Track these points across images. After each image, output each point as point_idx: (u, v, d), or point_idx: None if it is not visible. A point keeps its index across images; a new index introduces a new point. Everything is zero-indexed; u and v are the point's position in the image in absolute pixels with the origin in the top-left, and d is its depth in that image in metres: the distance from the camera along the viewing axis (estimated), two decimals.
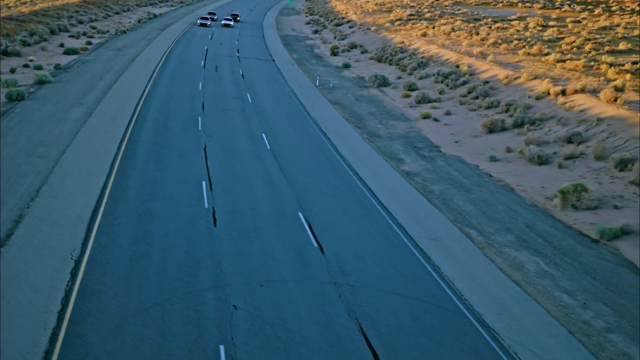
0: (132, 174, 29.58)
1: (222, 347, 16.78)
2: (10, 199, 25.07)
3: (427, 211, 29.59)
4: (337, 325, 18.56)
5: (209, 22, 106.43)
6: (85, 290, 18.69)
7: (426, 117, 48.39)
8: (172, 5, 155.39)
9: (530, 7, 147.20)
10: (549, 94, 46.66)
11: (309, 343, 17.41)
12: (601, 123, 39.95)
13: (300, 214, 27.24)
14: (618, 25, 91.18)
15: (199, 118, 42.39)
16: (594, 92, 44.97)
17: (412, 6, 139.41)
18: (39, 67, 56.15)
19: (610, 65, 54.79)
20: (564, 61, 58.30)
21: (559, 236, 27.62)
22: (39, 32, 76.18)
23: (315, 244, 24.23)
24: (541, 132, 41.93)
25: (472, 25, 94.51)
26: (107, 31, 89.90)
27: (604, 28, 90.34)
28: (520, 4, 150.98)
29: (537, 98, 47.23)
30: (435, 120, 47.73)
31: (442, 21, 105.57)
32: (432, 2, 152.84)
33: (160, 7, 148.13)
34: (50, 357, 15.54)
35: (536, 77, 51.57)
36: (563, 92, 45.75)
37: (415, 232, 26.70)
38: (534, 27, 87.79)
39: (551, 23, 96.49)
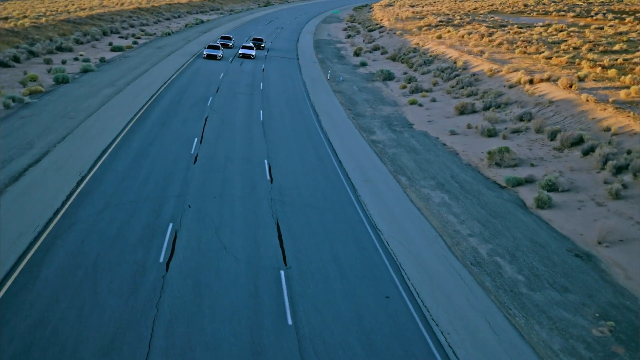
0: (139, 132, 37.64)
1: (170, 224, 24.35)
2: (41, 142, 33.39)
3: (374, 165, 36.64)
4: (260, 220, 25.92)
5: (220, 54, 72.76)
6: (84, 192, 26.62)
7: (413, 103, 55.20)
8: (221, 13, 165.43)
9: (564, 15, 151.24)
10: (520, 83, 52.89)
11: (234, 227, 24.81)
12: (551, 105, 46.15)
13: (265, 160, 34.72)
14: (635, 31, 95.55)
15: (210, 98, 50.35)
16: (557, 81, 50.96)
17: (447, 14, 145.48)
18: (86, 60, 65.17)
19: (593, 61, 60.40)
20: (551, 58, 64.18)
21: (473, 183, 34.32)
22: (91, 32, 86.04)
23: (268, 178, 31.65)
24: (502, 113, 48.32)
25: (491, 30, 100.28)
26: (154, 34, 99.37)
27: (619, 33, 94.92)
28: (554, 13, 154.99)
29: (510, 87, 53.55)
30: (420, 105, 54.51)
31: (468, 27, 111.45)
32: (468, 11, 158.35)
33: (210, 14, 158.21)
34: (52, 220, 23.41)
35: (516, 70, 57.77)
36: (531, 81, 51.92)
37: (355, 176, 33.82)
38: (549, 33, 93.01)
39: (573, 29, 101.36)
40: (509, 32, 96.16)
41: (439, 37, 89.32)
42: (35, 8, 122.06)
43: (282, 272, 21.27)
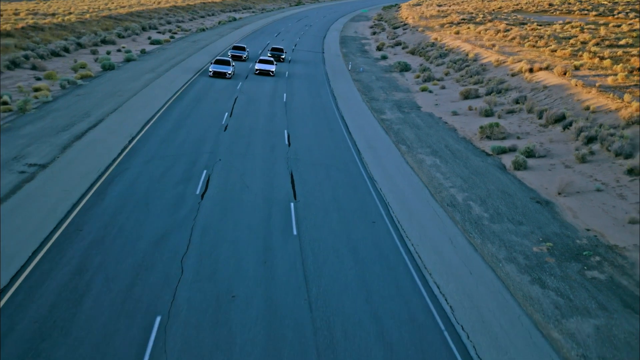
0: (177, 107, 43.89)
1: (204, 171, 30.42)
2: (96, 112, 39.76)
3: (379, 137, 42.38)
4: (277, 171, 31.78)
5: (230, 70, 58.30)
6: (134, 148, 32.78)
7: (424, 90, 60.75)
8: (253, 12, 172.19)
9: (586, 14, 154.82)
10: (521, 72, 58.16)
11: (255, 174, 30.67)
12: (545, 89, 51.37)
13: (285, 130, 40.69)
14: None
15: (240, 83, 56.51)
16: (553, 69, 56.06)
17: (470, 13, 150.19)
18: (128, 51, 71.84)
19: (593, 53, 65.30)
20: (555, 51, 69.18)
21: (463, 151, 39.87)
22: (132, 28, 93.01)
23: (286, 143, 37.62)
24: (502, 97, 53.64)
25: (508, 26, 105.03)
26: (189, 30, 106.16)
27: (633, 30, 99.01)
28: (577, 12, 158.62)
29: (513, 75, 58.82)
30: (430, 92, 60.03)
31: (489, 24, 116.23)
32: (492, 10, 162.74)
33: (242, 12, 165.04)
34: (111, 166, 29.65)
35: (520, 61, 62.96)
36: (531, 70, 57.15)
37: (361, 144, 39.59)
38: (565, 30, 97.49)
39: (590, 27, 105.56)
40: (526, 28, 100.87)
41: (457, 32, 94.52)
42: (79, 6, 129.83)
43: (291, 204, 27.16)
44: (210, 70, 58.04)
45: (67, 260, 19.53)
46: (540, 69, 56.26)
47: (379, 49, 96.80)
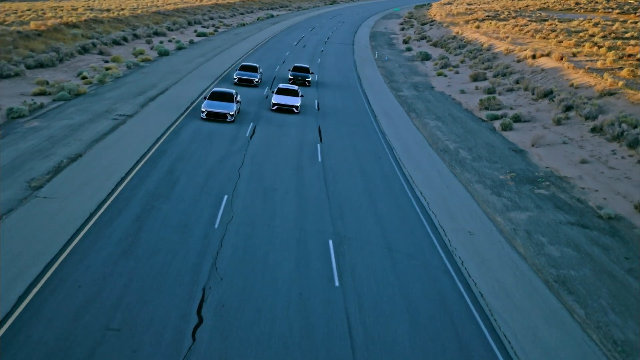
0: (227, 80, 53.02)
1: (251, 123, 39.37)
2: (160, 84, 49.05)
3: (394, 107, 50.89)
4: (308, 124, 40.50)
5: (233, 110, 39.56)
6: (195, 108, 41.94)
7: (439, 74, 69.03)
8: (289, 10, 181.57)
9: (609, 12, 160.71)
10: (526, 58, 66.14)
11: (291, 126, 39.30)
12: (543, 72, 59.37)
13: (315, 100, 49.52)
14: None
15: (277, 67, 65.52)
16: (550, 55, 63.90)
17: (497, 10, 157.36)
18: (178, 42, 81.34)
19: (594, 43, 72.87)
20: (562, 41, 76.84)
21: (463, 118, 48.21)
22: (179, 22, 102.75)
23: (316, 107, 46.45)
24: (505, 79, 61.73)
25: (528, 22, 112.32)
26: (231, 25, 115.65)
27: None
28: (602, 10, 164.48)
29: (518, 61, 66.80)
30: (445, 76, 68.28)
31: (512, 21, 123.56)
32: (519, 8, 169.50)
33: (279, 10, 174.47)
34: (180, 117, 38.77)
35: (526, 50, 70.87)
36: (533, 57, 65.10)
37: (378, 112, 48.09)
38: (582, 25, 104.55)
39: (607, 23, 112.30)
40: (543, 24, 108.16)
41: (477, 27, 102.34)
42: (128, 3, 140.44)
43: (318, 145, 35.90)
44: (202, 110, 39.26)
45: (160, 167, 28.54)
46: (542, 56, 64.10)
47: (405, 42, 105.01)
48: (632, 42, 74.67)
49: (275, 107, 43.76)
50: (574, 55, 64.01)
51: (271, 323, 16.52)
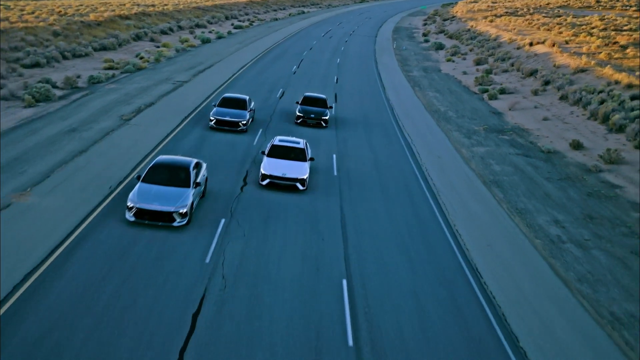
0: (260, 62, 63.00)
1: (281, 89, 49.39)
2: (207, 62, 59.30)
3: (402, 84, 60.39)
4: (327, 87, 50.50)
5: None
6: (235, 79, 52.01)
7: (448, 60, 78.22)
8: (320, 7, 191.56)
9: (626, 9, 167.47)
10: (524, 45, 75.13)
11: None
12: (535, 57, 68.39)
13: (335, 76, 59.34)
14: None
15: (305, 52, 75.47)
16: (544, 42, 72.75)
17: (517, 7, 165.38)
18: (218, 32, 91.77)
19: (589, 33, 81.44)
20: (561, 32, 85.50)
21: (459, 91, 57.53)
22: (217, 16, 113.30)
23: (335, 81, 56.27)
24: (504, 63, 70.83)
25: (543, 18, 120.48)
26: (264, 19, 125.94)
27: None
28: (619, 8, 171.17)
29: (517, 48, 75.76)
30: (452, 62, 77.45)
31: (528, 16, 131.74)
32: (540, 6, 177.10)
33: (310, 7, 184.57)
34: (227, 81, 48.90)
35: (525, 39, 79.79)
36: (530, 44, 74.08)
37: (388, 86, 57.57)
38: (590, 19, 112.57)
39: (617, 19, 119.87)
40: (554, 19, 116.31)
41: (491, 21, 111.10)
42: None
43: (333, 104, 45.74)
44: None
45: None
46: (538, 43, 73.02)
47: (424, 35, 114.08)
48: (625, 33, 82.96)
49: (267, 180, 26.77)
50: (567, 42, 72.74)
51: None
